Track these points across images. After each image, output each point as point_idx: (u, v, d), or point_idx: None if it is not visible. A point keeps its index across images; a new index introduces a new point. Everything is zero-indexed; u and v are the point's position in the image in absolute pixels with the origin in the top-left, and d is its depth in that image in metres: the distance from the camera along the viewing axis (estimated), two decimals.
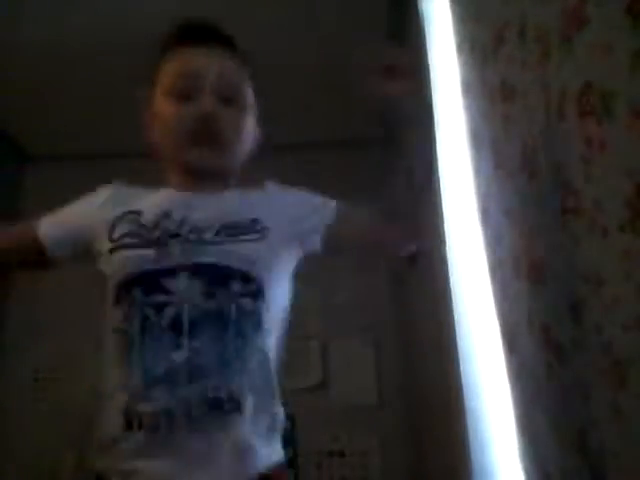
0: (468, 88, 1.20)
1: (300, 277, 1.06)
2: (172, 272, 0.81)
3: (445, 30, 1.42)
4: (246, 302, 0.82)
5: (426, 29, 1.61)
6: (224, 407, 0.76)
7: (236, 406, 0.77)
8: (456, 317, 1.34)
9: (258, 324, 0.83)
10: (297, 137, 2.94)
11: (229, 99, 0.91)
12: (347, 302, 2.74)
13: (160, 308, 0.79)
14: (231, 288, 0.81)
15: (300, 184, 1.09)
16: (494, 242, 1.04)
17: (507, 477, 1.06)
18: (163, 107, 0.90)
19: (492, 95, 0.99)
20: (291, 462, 2.58)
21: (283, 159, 3.00)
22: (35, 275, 2.83)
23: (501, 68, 0.94)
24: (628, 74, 0.52)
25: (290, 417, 3.02)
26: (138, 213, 0.88)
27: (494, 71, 0.98)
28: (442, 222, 1.43)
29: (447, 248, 1.40)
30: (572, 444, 0.72)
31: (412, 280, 2.28)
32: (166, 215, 0.87)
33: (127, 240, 0.85)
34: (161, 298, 0.79)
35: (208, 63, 0.90)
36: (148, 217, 0.87)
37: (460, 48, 1.27)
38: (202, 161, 0.90)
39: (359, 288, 2.78)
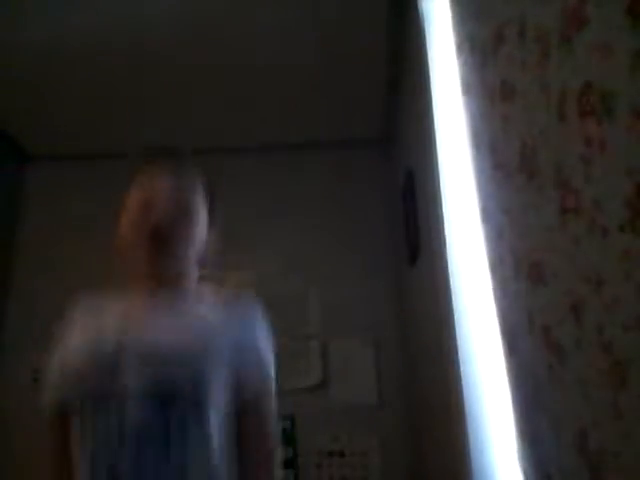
0: (468, 88, 1.20)
1: (300, 277, 1.06)
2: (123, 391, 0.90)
3: (445, 30, 1.42)
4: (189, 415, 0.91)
5: (426, 29, 1.61)
6: None
7: None
8: (456, 317, 1.34)
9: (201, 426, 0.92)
10: (297, 137, 2.94)
11: (185, 208, 1.03)
12: (347, 302, 2.74)
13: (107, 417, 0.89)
14: (177, 403, 0.90)
15: (300, 184, 1.09)
16: (494, 242, 1.04)
17: (507, 477, 1.06)
18: (129, 216, 1.03)
19: (492, 95, 0.99)
20: (291, 462, 2.58)
21: (283, 159, 3.01)
22: (35, 275, 2.84)
23: (501, 68, 0.94)
24: (628, 74, 0.52)
25: (290, 417, 3.02)
26: (97, 342, 0.97)
27: (494, 71, 0.98)
28: (442, 222, 1.43)
29: (447, 248, 1.40)
30: (572, 444, 0.72)
31: (412, 280, 2.28)
32: (120, 344, 0.94)
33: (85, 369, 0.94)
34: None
35: (164, 183, 1.03)
36: (105, 345, 0.95)
37: (460, 48, 1.27)
38: (157, 268, 1.01)
39: (359, 288, 2.78)
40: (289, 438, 2.60)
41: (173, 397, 0.89)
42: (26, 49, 2.18)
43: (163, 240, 0.99)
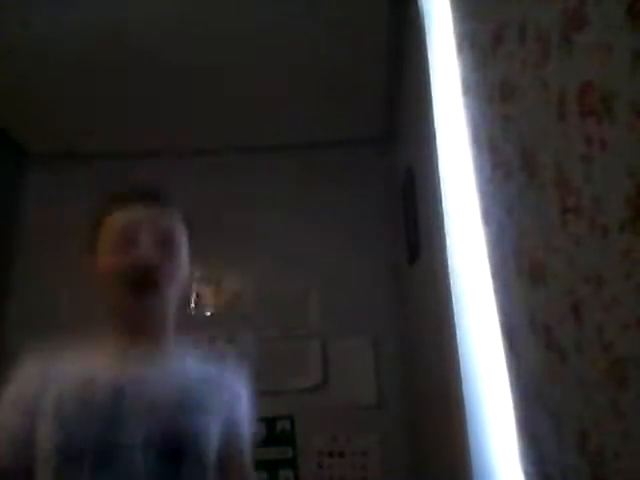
0: (468, 88, 1.20)
1: (300, 277, 1.07)
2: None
3: (445, 29, 1.42)
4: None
5: (426, 28, 1.61)
6: None
7: None
8: (456, 317, 1.34)
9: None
10: (297, 137, 2.94)
11: (165, 241, 0.98)
12: (347, 302, 2.74)
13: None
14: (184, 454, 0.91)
15: (300, 184, 1.09)
16: (494, 242, 1.04)
17: (507, 477, 1.06)
18: (109, 253, 0.96)
19: (492, 95, 0.99)
20: (291, 462, 2.58)
21: (283, 159, 3.01)
22: (35, 275, 2.84)
23: (501, 68, 0.94)
24: (628, 74, 0.52)
25: (290, 417, 3.01)
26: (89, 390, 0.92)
27: (494, 71, 0.98)
28: (442, 221, 1.43)
29: (447, 248, 1.40)
30: (572, 444, 0.71)
31: (412, 280, 2.28)
32: (117, 392, 0.91)
33: None
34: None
35: (143, 216, 0.98)
36: (100, 393, 0.91)
37: (460, 47, 1.27)
38: (142, 305, 0.95)
39: (359, 288, 2.78)
40: (289, 438, 2.61)
41: (179, 449, 0.88)
42: (26, 49, 2.17)
43: (148, 280, 0.94)
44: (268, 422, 2.61)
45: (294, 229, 2.86)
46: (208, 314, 2.80)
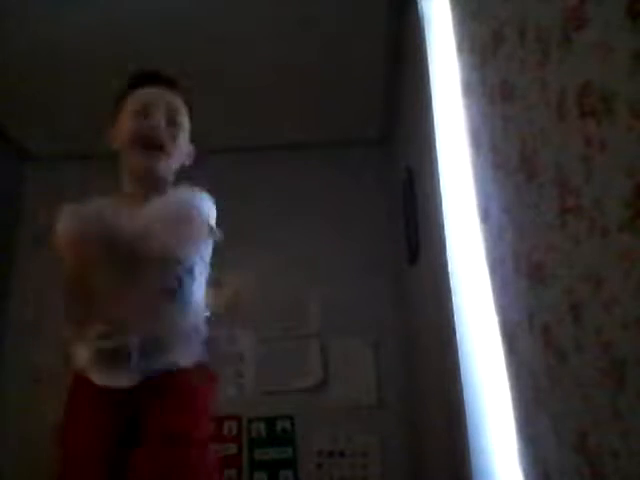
0: (468, 88, 1.20)
1: (300, 277, 1.07)
2: None
3: (445, 30, 1.42)
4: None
5: (426, 29, 1.61)
6: None
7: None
8: (456, 317, 1.34)
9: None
10: (297, 137, 2.94)
11: (172, 121, 1.25)
12: (347, 302, 2.74)
13: None
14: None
15: (300, 184, 1.10)
16: (494, 242, 1.04)
17: (507, 477, 1.06)
18: (128, 123, 1.22)
19: (492, 95, 0.99)
20: (291, 462, 2.58)
21: (283, 159, 3.01)
22: (35, 275, 2.84)
23: (501, 68, 0.94)
24: (628, 74, 0.52)
25: (290, 417, 3.01)
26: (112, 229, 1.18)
27: (494, 71, 0.98)
28: (442, 221, 1.43)
29: (447, 247, 1.40)
30: (572, 444, 0.72)
31: (412, 280, 2.28)
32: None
33: None
34: None
35: (157, 96, 1.25)
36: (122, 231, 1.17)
37: (460, 48, 1.27)
38: (150, 163, 1.20)
39: (359, 288, 2.78)
40: (289, 438, 2.60)
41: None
42: (27, 49, 2.17)
43: (155, 147, 1.19)
44: (268, 422, 2.61)
45: (294, 229, 2.86)
46: (208, 314, 2.80)
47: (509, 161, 0.91)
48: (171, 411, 1.04)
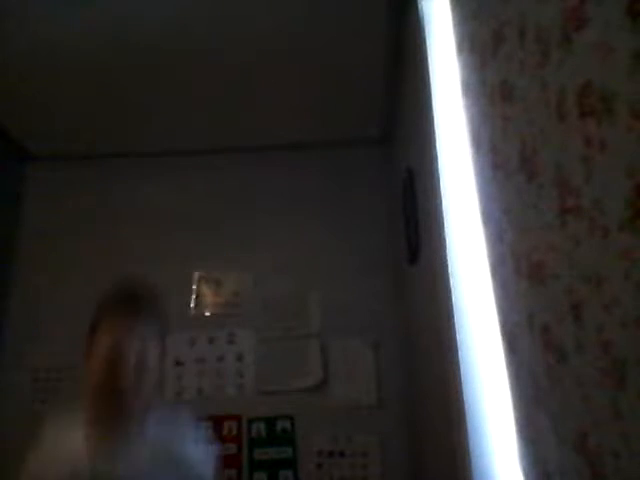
0: (468, 88, 1.20)
1: (300, 277, 1.07)
2: None
3: (445, 30, 1.42)
4: None
5: (426, 29, 1.61)
6: None
7: None
8: (456, 317, 1.34)
9: None
10: (297, 137, 2.94)
11: (140, 364, 1.18)
12: (347, 302, 2.74)
13: None
14: None
15: (300, 184, 1.09)
16: (494, 242, 1.04)
17: (506, 477, 1.06)
18: (93, 377, 1.18)
19: (492, 95, 0.99)
20: (291, 462, 2.58)
21: (283, 159, 3.01)
22: (35, 275, 2.84)
23: (501, 68, 0.94)
24: (628, 74, 0.52)
25: (290, 417, 3.00)
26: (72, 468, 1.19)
27: (494, 71, 0.98)
28: (442, 221, 1.43)
29: (447, 248, 1.40)
30: (572, 444, 0.72)
31: (412, 280, 2.28)
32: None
33: None
34: None
35: (125, 336, 1.19)
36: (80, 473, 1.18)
37: (460, 48, 1.27)
38: (116, 418, 1.20)
39: (359, 288, 2.78)
40: (289, 438, 2.60)
41: None
42: (27, 49, 2.18)
43: (124, 403, 1.17)
44: (268, 422, 2.62)
45: (294, 229, 2.87)
46: (208, 314, 2.80)
47: (509, 161, 0.91)
48: None
